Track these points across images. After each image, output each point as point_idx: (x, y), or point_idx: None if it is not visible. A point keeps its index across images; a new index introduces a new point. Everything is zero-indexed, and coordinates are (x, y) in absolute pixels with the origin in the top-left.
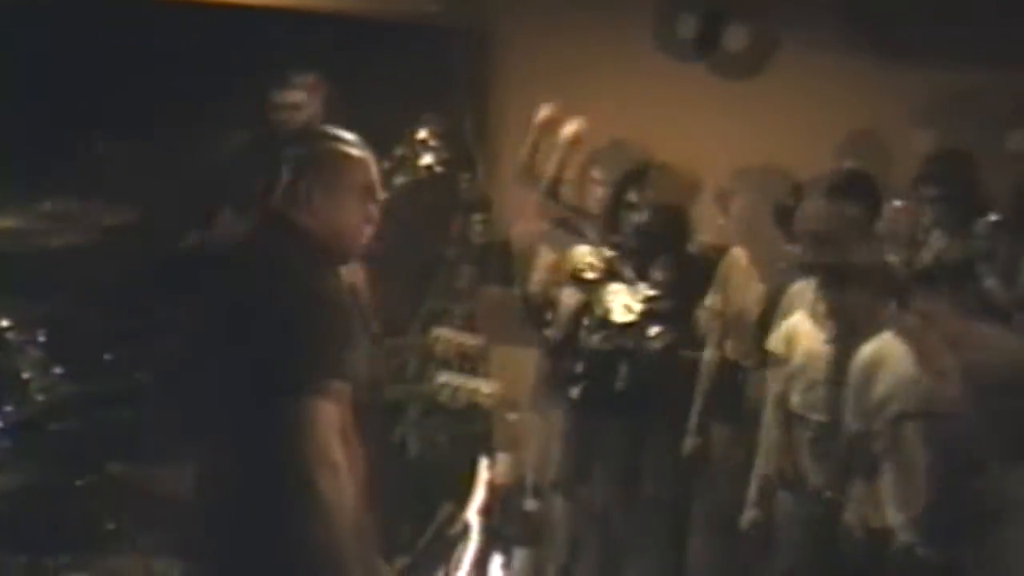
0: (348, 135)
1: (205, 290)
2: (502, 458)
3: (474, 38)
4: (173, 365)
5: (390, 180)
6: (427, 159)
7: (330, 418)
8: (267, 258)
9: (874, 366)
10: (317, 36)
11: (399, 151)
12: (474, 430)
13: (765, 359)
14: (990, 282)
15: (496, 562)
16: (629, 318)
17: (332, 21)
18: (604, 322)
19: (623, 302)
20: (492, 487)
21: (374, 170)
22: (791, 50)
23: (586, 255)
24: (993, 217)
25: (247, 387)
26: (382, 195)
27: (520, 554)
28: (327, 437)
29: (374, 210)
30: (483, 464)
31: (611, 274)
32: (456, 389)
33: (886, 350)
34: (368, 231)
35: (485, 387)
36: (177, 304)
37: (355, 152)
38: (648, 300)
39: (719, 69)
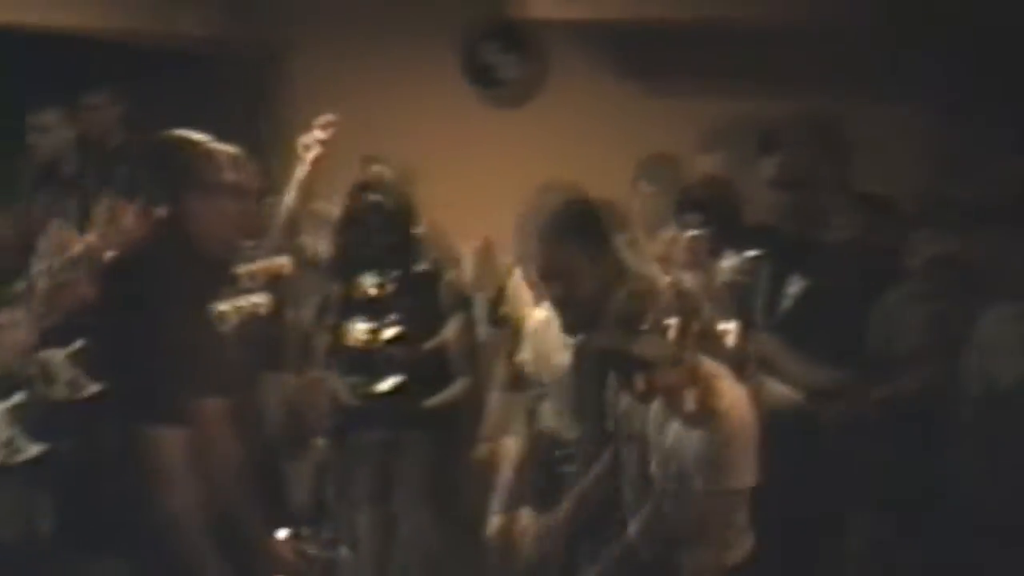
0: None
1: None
2: None
3: (263, 61)
4: None
5: None
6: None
7: (176, 444)
8: (154, 270)
9: None
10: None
11: None
12: None
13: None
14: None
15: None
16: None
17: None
18: None
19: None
20: None
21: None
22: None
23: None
24: (751, 253)
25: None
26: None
27: None
28: (171, 463)
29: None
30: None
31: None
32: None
33: None
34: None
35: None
36: None
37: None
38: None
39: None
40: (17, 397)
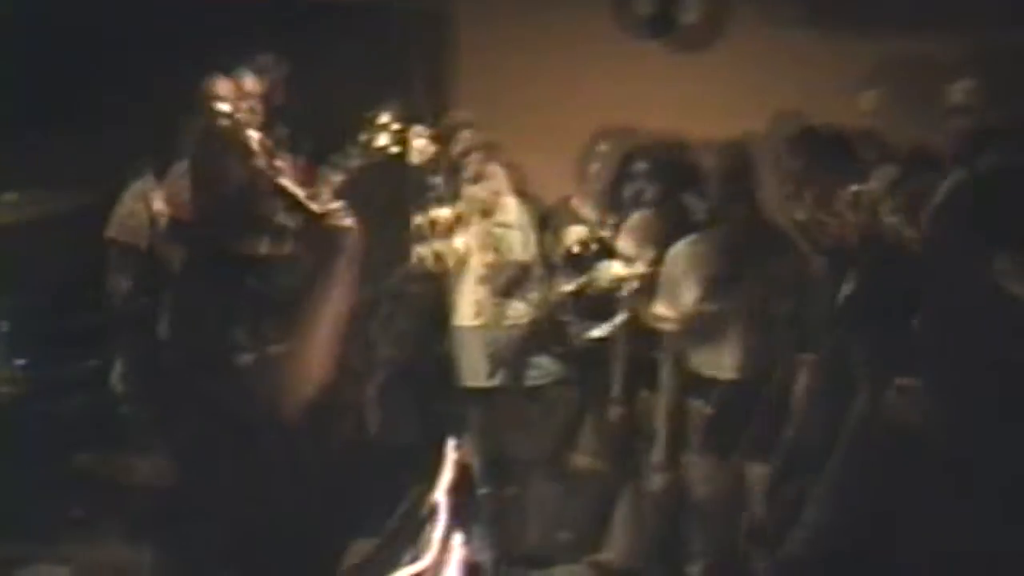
0: None
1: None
2: (468, 439)
3: (431, 19)
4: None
5: (348, 163)
6: (383, 140)
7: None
8: None
9: None
10: (273, 20)
11: (362, 136)
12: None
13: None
14: None
15: (456, 539)
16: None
17: (290, 5)
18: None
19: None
20: (460, 467)
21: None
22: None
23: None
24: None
25: None
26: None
27: (479, 531)
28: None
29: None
30: (451, 444)
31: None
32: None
33: None
34: None
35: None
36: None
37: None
38: None
39: (673, 44)
40: None
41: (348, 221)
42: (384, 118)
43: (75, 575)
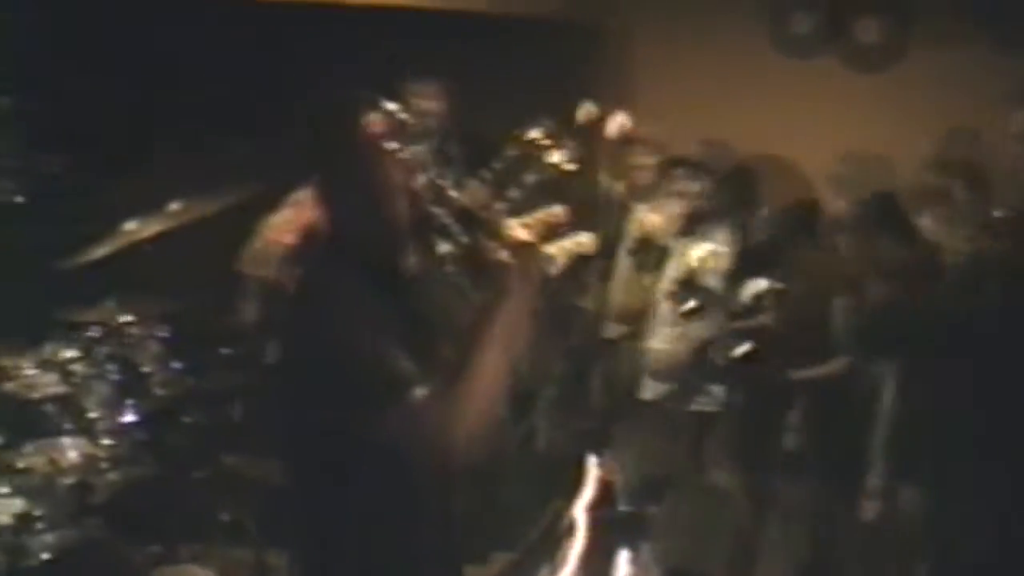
0: None
1: None
2: (611, 455)
3: (589, 35)
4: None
5: (511, 179)
6: (556, 157)
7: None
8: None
9: None
10: (432, 35)
11: (510, 151)
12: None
13: None
14: None
15: (623, 556)
16: None
17: (447, 19)
18: None
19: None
20: (602, 484)
21: None
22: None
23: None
24: None
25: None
26: None
27: (645, 547)
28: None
29: None
30: (592, 461)
31: None
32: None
33: None
34: None
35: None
36: None
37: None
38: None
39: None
40: None
41: (544, 253)
42: (534, 134)
43: None
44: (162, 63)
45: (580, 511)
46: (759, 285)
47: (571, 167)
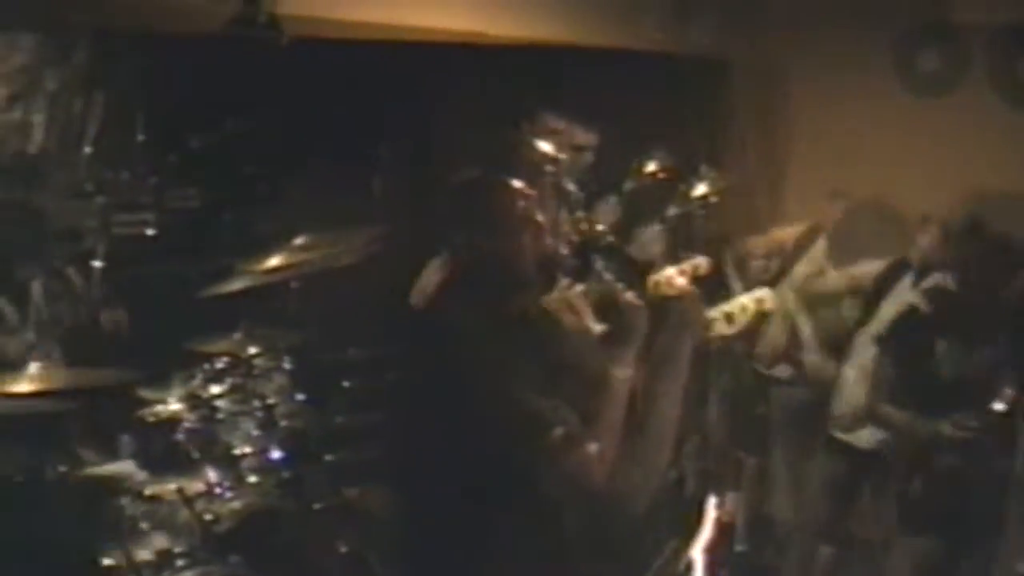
0: None
1: None
2: (731, 497)
3: (714, 68)
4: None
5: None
6: (700, 189)
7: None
8: None
9: None
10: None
11: (628, 185)
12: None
13: None
14: None
15: None
16: None
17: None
18: None
19: None
20: (720, 525)
21: None
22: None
23: None
24: None
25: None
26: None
27: None
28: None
29: None
30: (711, 502)
31: None
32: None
33: None
34: None
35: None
36: None
37: None
38: None
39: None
40: None
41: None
42: (651, 167)
43: None
44: (294, 101)
45: (697, 552)
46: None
47: (715, 199)
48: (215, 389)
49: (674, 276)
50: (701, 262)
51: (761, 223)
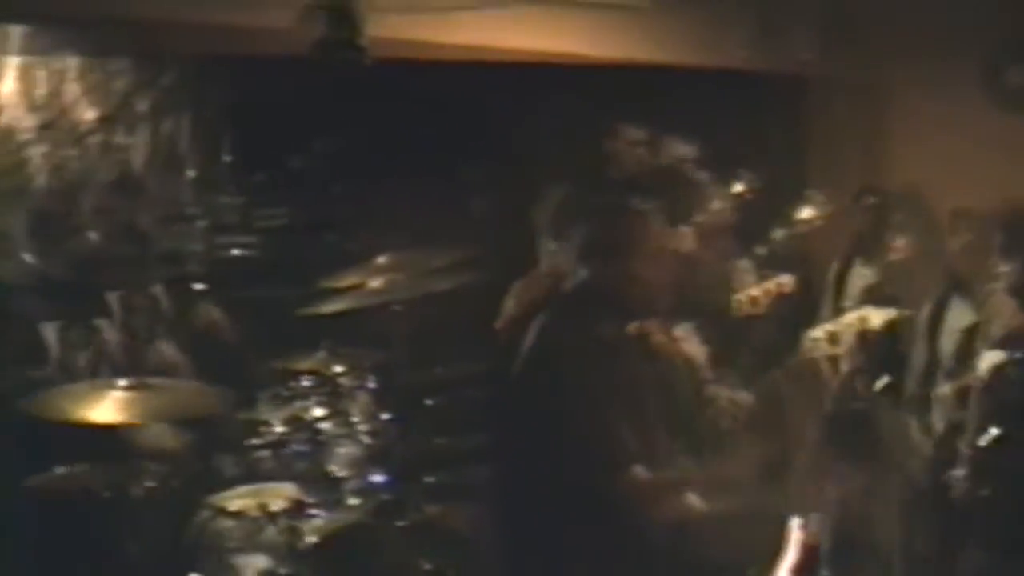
0: None
1: None
2: (816, 518)
3: (796, 87)
4: None
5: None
6: (807, 212)
7: None
8: None
9: None
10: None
11: (716, 206)
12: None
13: None
14: None
15: None
16: None
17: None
18: None
19: None
20: (806, 548)
21: None
22: None
23: None
24: None
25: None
26: None
27: None
28: None
29: None
30: (795, 523)
31: None
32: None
33: None
34: None
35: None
36: None
37: None
38: None
39: None
40: None
41: None
42: (738, 187)
43: None
44: (381, 121)
45: (783, 575)
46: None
47: (821, 223)
48: (305, 407)
49: (759, 296)
50: (786, 280)
51: (862, 242)
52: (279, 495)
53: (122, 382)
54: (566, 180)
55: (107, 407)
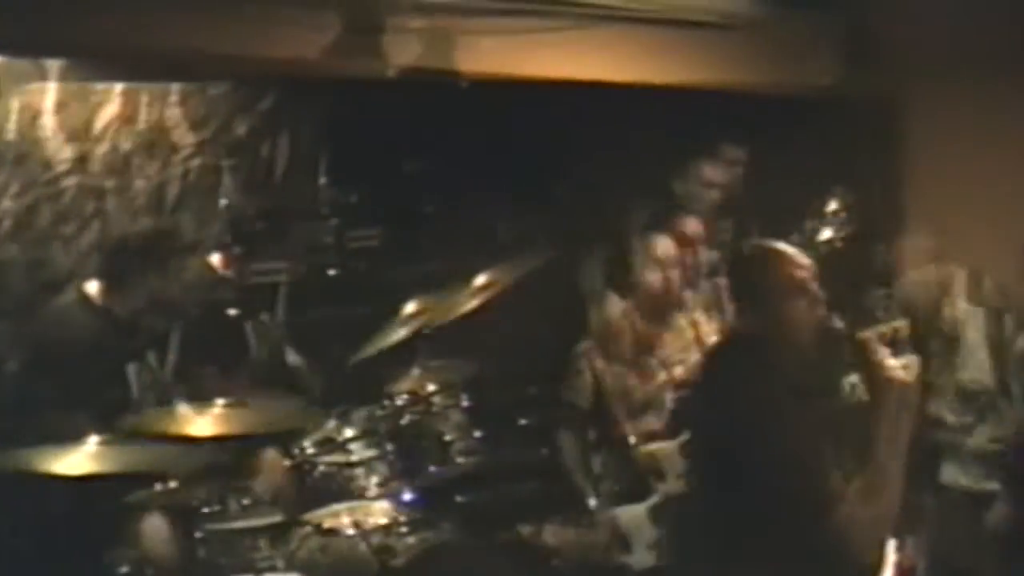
0: None
1: None
2: (912, 540)
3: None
4: None
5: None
6: (826, 234)
7: None
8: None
9: None
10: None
11: (809, 224)
12: None
13: None
14: None
15: None
16: None
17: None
18: None
19: None
20: (901, 570)
21: None
22: None
23: None
24: None
25: None
26: None
27: None
28: None
29: None
30: (891, 545)
31: None
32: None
33: None
34: None
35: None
36: None
37: None
38: None
39: None
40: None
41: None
42: (833, 206)
43: None
44: (471, 142)
45: None
46: None
47: (840, 245)
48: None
49: (896, 367)
50: (901, 325)
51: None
52: (373, 513)
53: (220, 400)
54: (657, 199)
55: (205, 422)
